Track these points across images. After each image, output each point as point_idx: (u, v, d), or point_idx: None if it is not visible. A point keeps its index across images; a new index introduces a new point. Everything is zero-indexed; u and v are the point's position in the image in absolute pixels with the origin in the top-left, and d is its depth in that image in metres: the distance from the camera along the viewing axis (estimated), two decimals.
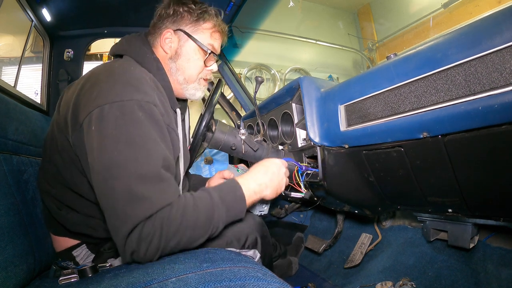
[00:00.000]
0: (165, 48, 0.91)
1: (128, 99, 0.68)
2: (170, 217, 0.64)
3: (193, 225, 0.67)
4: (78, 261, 0.89)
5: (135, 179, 0.63)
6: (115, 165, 0.64)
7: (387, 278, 1.17)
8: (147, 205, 0.63)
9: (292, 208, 1.89)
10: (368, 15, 4.95)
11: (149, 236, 0.62)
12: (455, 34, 0.57)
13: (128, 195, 0.62)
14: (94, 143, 0.66)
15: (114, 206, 0.63)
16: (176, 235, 0.65)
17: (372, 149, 0.82)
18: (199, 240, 0.69)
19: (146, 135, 0.68)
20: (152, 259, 0.65)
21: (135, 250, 0.63)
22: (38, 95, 1.61)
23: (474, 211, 0.74)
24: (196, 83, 0.97)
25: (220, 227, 0.72)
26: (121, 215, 0.62)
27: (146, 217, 0.62)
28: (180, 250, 0.69)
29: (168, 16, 0.91)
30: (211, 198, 0.71)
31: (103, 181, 0.65)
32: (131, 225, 0.62)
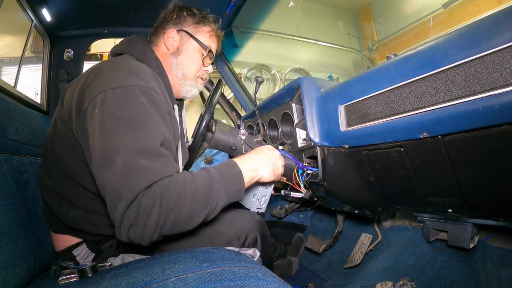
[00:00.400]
0: (167, 45, 1.00)
1: (130, 85, 0.72)
2: (169, 188, 0.64)
3: (192, 197, 0.66)
4: (78, 260, 0.90)
5: (134, 153, 0.64)
6: (115, 142, 0.65)
7: (387, 278, 1.17)
8: (146, 175, 0.63)
9: (292, 208, 1.89)
10: (368, 15, 4.95)
11: (148, 207, 0.61)
12: (455, 34, 0.57)
13: (127, 167, 0.63)
14: (96, 124, 0.68)
15: (113, 181, 0.63)
16: (175, 207, 0.64)
17: (372, 149, 0.82)
18: (199, 216, 0.68)
19: (147, 116, 0.70)
20: (151, 237, 0.63)
21: (133, 224, 0.61)
22: (38, 95, 1.61)
23: (474, 211, 0.74)
24: (193, 81, 1.04)
25: (220, 203, 0.71)
26: (120, 188, 0.62)
27: (145, 187, 0.62)
28: (180, 230, 0.67)
29: (172, 19, 1.00)
30: (209, 174, 0.72)
31: (103, 158, 0.65)
32: (130, 196, 0.61)
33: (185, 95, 1.06)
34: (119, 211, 0.62)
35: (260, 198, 1.02)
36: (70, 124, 0.79)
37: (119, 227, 0.63)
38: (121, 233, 0.64)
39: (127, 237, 0.63)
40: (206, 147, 1.12)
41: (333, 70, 4.88)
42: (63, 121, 0.82)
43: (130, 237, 0.63)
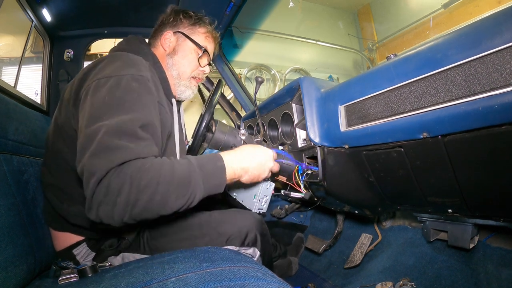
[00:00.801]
0: (164, 46, 1.03)
1: (124, 74, 0.75)
2: (142, 168, 0.63)
3: (167, 182, 0.64)
4: (78, 259, 0.90)
5: (112, 134, 0.64)
6: (98, 125, 0.66)
7: (387, 278, 1.17)
8: (120, 154, 0.62)
9: (292, 208, 1.89)
10: (368, 15, 4.96)
11: (118, 185, 0.60)
12: (455, 35, 0.57)
13: (102, 146, 0.63)
14: (86, 110, 0.70)
15: (88, 159, 0.63)
16: (147, 189, 0.62)
17: (372, 150, 0.82)
18: (174, 203, 0.65)
19: (134, 100, 0.72)
20: (121, 217, 0.62)
21: (102, 201, 0.60)
22: (38, 95, 1.61)
23: (474, 211, 0.74)
24: (188, 81, 1.06)
25: (198, 194, 0.69)
26: (92, 166, 0.61)
27: (117, 165, 0.61)
28: (152, 214, 0.65)
29: (169, 22, 1.04)
30: (189, 163, 0.70)
31: (85, 140, 0.65)
32: (101, 173, 0.60)
33: (180, 96, 1.08)
34: (90, 187, 0.61)
35: (261, 199, 1.02)
36: (69, 116, 0.81)
37: (89, 204, 0.62)
38: (91, 210, 0.62)
39: (97, 214, 0.62)
40: (206, 147, 1.12)
41: (333, 70, 4.88)
42: (64, 115, 0.83)
43: (100, 215, 0.62)
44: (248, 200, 1.05)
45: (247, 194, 1.06)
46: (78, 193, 0.86)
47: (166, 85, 1.00)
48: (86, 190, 0.62)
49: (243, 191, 1.09)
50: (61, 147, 0.85)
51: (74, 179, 0.86)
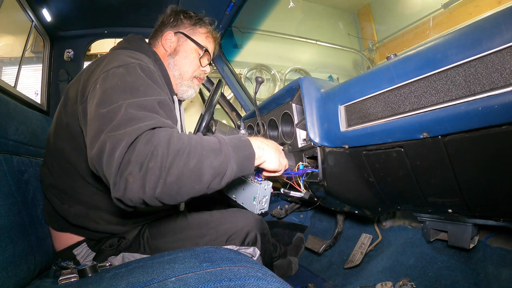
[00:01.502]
0: (165, 47, 1.04)
1: (132, 62, 0.75)
2: (173, 135, 0.59)
3: (201, 147, 0.61)
4: (78, 259, 0.90)
5: (136, 107, 0.62)
6: (116, 104, 0.63)
7: (387, 278, 1.17)
8: (149, 121, 0.60)
9: (292, 208, 1.89)
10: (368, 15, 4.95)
11: (151, 149, 0.55)
12: (455, 35, 0.57)
13: (128, 117, 0.60)
14: (97, 95, 0.68)
15: (111, 131, 0.58)
16: (183, 152, 0.57)
17: (372, 150, 0.82)
18: (210, 171, 0.60)
19: (147, 86, 0.71)
20: (154, 187, 0.55)
21: (132, 171, 0.54)
22: (38, 95, 1.61)
23: (474, 212, 0.74)
24: (190, 81, 1.07)
25: (230, 165, 0.64)
26: (119, 134, 0.56)
27: (149, 129, 0.58)
28: (186, 186, 0.58)
29: (169, 22, 1.05)
30: (216, 136, 0.68)
31: (102, 118, 0.62)
32: (131, 138, 0.55)
33: (182, 96, 1.08)
34: (116, 158, 0.54)
35: (261, 200, 1.03)
36: (75, 114, 0.81)
37: (115, 178, 0.55)
38: (118, 185, 0.55)
39: (125, 189, 0.54)
40: None
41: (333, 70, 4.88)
42: (70, 114, 0.83)
43: (129, 189, 0.54)
44: (249, 203, 1.05)
45: (247, 196, 1.06)
46: (79, 194, 0.86)
47: (168, 82, 1.01)
48: (110, 165, 0.55)
49: (242, 193, 1.09)
50: (64, 147, 0.85)
51: (76, 180, 0.86)
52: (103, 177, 0.59)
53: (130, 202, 0.57)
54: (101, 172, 0.59)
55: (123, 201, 0.57)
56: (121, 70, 0.72)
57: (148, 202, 0.57)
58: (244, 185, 1.08)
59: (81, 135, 0.80)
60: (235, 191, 1.13)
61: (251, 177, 1.05)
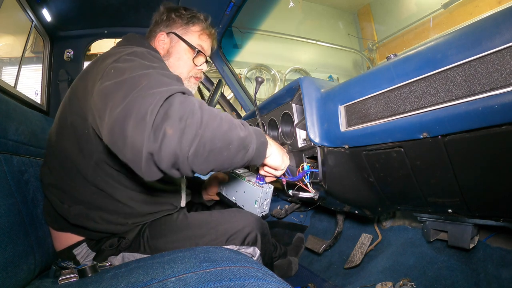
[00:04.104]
0: (159, 49, 1.02)
1: (140, 50, 0.76)
2: (202, 103, 0.61)
3: (230, 118, 0.64)
4: (78, 259, 0.90)
5: (160, 75, 0.62)
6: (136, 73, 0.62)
7: (387, 278, 1.17)
8: (179, 86, 0.60)
9: (292, 208, 1.89)
10: (368, 15, 4.96)
11: (189, 105, 0.56)
12: (455, 35, 0.57)
13: (157, 81, 0.59)
14: (112, 76, 0.65)
15: (140, 92, 0.56)
16: (217, 115, 0.60)
17: (372, 150, 0.82)
18: (240, 137, 0.63)
19: (162, 65, 0.72)
20: (190, 144, 0.54)
21: (170, 124, 0.52)
22: (38, 95, 1.61)
23: (474, 212, 0.74)
24: (187, 81, 1.06)
25: (254, 140, 0.68)
26: (151, 93, 0.55)
27: (181, 91, 0.59)
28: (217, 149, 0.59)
29: (162, 21, 1.03)
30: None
31: (124, 86, 0.59)
32: (165, 94, 0.55)
33: None
34: (152, 110, 0.52)
35: (262, 203, 1.03)
36: (81, 111, 0.79)
37: (150, 131, 0.51)
38: (152, 136, 0.51)
39: (162, 141, 0.52)
40: None
41: (333, 70, 4.89)
42: (73, 112, 0.82)
43: (166, 140, 0.52)
44: (249, 206, 1.05)
45: (248, 199, 1.07)
46: (79, 194, 0.86)
47: None
48: (142, 121, 0.52)
49: (243, 196, 1.09)
50: (66, 146, 0.85)
51: (76, 179, 0.86)
52: (123, 145, 0.54)
53: (164, 158, 0.54)
54: (122, 137, 0.54)
55: (158, 155, 0.53)
56: (133, 57, 0.72)
57: (181, 162, 0.55)
58: (245, 188, 1.08)
59: (84, 134, 0.80)
60: (236, 194, 1.13)
61: (252, 180, 1.05)
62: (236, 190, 1.13)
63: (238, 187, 1.12)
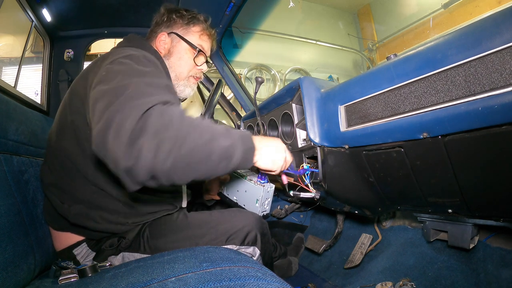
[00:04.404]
0: (159, 49, 1.03)
1: (136, 54, 0.77)
2: (184, 112, 0.60)
3: (212, 126, 0.63)
4: (78, 259, 0.90)
5: (146, 85, 0.63)
6: (124, 82, 0.63)
7: (387, 278, 1.17)
8: (161, 96, 0.60)
9: (292, 208, 1.89)
10: (368, 15, 4.96)
11: (166, 118, 0.55)
12: (455, 35, 0.57)
13: (139, 91, 0.60)
14: (103, 79, 0.67)
15: (121, 104, 0.57)
16: (197, 126, 0.59)
17: (372, 150, 0.82)
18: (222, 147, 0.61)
19: (155, 71, 0.72)
20: (166, 158, 0.54)
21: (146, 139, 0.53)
22: (38, 95, 1.61)
23: (474, 212, 0.74)
24: (186, 81, 1.06)
25: (238, 148, 0.65)
26: (131, 105, 0.55)
27: (161, 102, 0.58)
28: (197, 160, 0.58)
29: (162, 22, 1.04)
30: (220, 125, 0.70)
31: (109, 94, 0.61)
32: (144, 107, 0.55)
33: (180, 95, 1.08)
34: (127, 127, 0.53)
35: (263, 203, 1.03)
36: (81, 110, 0.80)
37: (126, 146, 0.52)
38: (128, 153, 0.52)
39: (137, 157, 0.52)
40: None
41: (333, 70, 4.89)
42: (74, 111, 0.83)
43: (141, 156, 0.53)
44: (251, 205, 1.05)
45: (249, 198, 1.07)
46: (79, 193, 0.86)
47: (168, 78, 1.01)
48: (119, 134, 0.53)
49: (244, 195, 1.09)
50: (66, 145, 0.85)
51: (76, 178, 0.86)
52: (105, 156, 0.56)
53: (140, 174, 0.54)
54: (104, 149, 0.55)
55: (134, 171, 0.54)
56: (128, 60, 0.73)
57: (159, 175, 0.56)
58: (247, 187, 1.08)
59: (85, 133, 0.81)
60: (237, 193, 1.13)
61: (254, 179, 1.05)
62: (238, 189, 1.13)
63: (239, 187, 1.12)
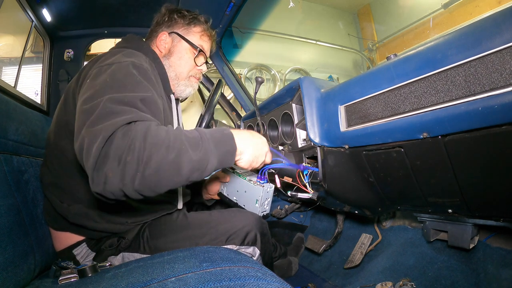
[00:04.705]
0: (160, 48, 1.03)
1: (125, 61, 0.76)
2: (151, 128, 0.60)
3: (180, 140, 0.61)
4: (78, 259, 0.90)
5: (115, 102, 0.63)
6: (98, 98, 0.64)
7: (387, 278, 1.17)
8: (126, 115, 0.60)
9: (292, 208, 1.89)
10: (368, 15, 4.96)
11: (128, 142, 0.55)
12: (455, 35, 0.57)
13: (105, 112, 0.60)
14: (86, 89, 0.70)
15: (90, 126, 0.59)
16: (161, 145, 0.58)
17: (372, 150, 0.82)
18: (190, 165, 0.60)
19: (136, 83, 0.71)
20: (133, 179, 0.55)
21: (111, 165, 0.54)
22: (38, 95, 1.61)
23: (474, 212, 0.74)
24: (187, 80, 1.06)
25: (211, 160, 0.64)
26: (97, 129, 0.57)
27: (125, 123, 0.58)
28: (165, 178, 0.59)
29: (164, 22, 1.04)
30: (197, 130, 0.68)
31: (83, 114, 0.63)
32: (108, 132, 0.56)
33: (180, 95, 1.08)
34: (93, 152, 0.55)
35: (263, 203, 1.03)
36: (75, 111, 0.80)
37: (93, 173, 0.55)
38: (96, 179, 0.55)
39: (105, 183, 0.55)
40: None
41: (333, 70, 4.88)
42: (68, 111, 0.84)
43: (109, 182, 0.55)
44: (250, 205, 1.05)
45: (248, 199, 1.06)
46: (79, 193, 0.86)
47: (165, 81, 1.00)
48: (88, 159, 0.56)
49: (244, 195, 1.09)
50: (64, 146, 0.86)
51: (75, 178, 0.86)
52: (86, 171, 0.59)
53: (111, 195, 0.58)
54: (83, 166, 0.60)
55: (104, 195, 0.58)
56: (113, 68, 0.73)
57: (128, 195, 0.58)
58: (246, 187, 1.08)
59: None
60: (237, 194, 1.13)
61: (253, 179, 1.05)
62: (237, 189, 1.13)
63: (239, 187, 1.12)
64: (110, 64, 0.74)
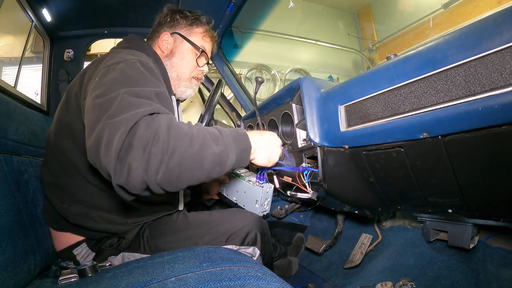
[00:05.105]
0: (162, 48, 1.03)
1: (132, 59, 0.76)
2: (173, 121, 0.59)
3: (203, 134, 0.62)
4: (78, 259, 0.90)
5: (133, 95, 0.62)
6: (114, 94, 0.63)
7: (387, 278, 1.17)
8: (148, 106, 0.60)
9: (292, 208, 1.89)
10: (368, 15, 4.96)
11: (152, 132, 0.54)
12: (455, 35, 0.57)
13: (126, 103, 0.59)
14: (96, 87, 0.68)
15: (110, 118, 0.58)
16: (185, 136, 0.58)
17: (372, 150, 0.82)
18: (213, 158, 0.61)
19: (146, 80, 0.71)
20: (156, 170, 0.54)
21: (135, 155, 0.53)
22: (38, 95, 1.61)
23: (474, 212, 0.74)
24: (188, 82, 1.06)
25: (231, 155, 0.65)
26: (118, 120, 0.56)
27: (148, 114, 0.58)
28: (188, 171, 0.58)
29: (166, 22, 1.04)
30: (215, 128, 0.69)
31: (98, 107, 0.62)
32: (130, 123, 0.55)
33: (180, 96, 1.08)
34: (116, 144, 0.53)
35: (263, 203, 1.03)
36: (77, 111, 0.81)
37: (116, 164, 0.53)
38: (119, 171, 0.53)
39: (128, 174, 0.53)
40: None
41: (333, 71, 4.88)
42: (72, 111, 0.83)
43: (132, 173, 0.53)
44: (250, 206, 1.05)
45: (248, 199, 1.07)
46: (79, 193, 0.86)
47: (167, 82, 1.00)
48: (109, 151, 0.54)
49: (244, 196, 1.09)
50: (65, 146, 0.85)
51: (75, 178, 0.86)
52: (100, 169, 0.58)
53: (133, 188, 0.55)
54: (98, 163, 0.57)
55: (126, 188, 0.55)
56: (121, 66, 0.73)
57: (151, 188, 0.57)
58: (246, 188, 1.08)
59: (82, 133, 0.81)
60: (236, 194, 1.13)
61: (252, 180, 1.05)
62: (237, 190, 1.13)
63: (238, 187, 1.12)
64: (117, 63, 0.74)
